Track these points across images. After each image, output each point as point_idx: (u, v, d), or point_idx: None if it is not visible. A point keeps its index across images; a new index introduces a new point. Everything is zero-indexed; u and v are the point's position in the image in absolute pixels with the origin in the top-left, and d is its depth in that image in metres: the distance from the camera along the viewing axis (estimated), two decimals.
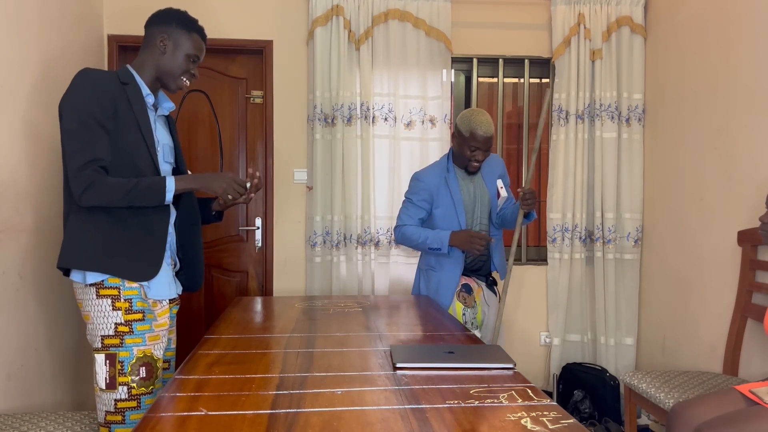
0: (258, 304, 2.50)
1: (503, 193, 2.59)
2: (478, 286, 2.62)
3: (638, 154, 3.36)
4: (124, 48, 3.21)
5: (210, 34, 3.23)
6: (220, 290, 3.40)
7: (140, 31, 1.96)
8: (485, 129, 2.44)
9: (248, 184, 1.85)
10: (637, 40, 3.34)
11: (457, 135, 2.52)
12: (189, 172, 2.04)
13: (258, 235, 3.37)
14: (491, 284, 2.68)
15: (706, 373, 2.47)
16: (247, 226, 3.41)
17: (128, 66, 1.86)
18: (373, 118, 3.25)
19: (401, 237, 2.55)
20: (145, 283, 1.77)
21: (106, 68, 3.15)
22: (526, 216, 2.56)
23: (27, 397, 2.15)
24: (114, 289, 1.71)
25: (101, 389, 1.70)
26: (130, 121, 1.76)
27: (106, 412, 1.70)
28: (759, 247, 2.46)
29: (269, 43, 3.28)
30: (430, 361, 1.52)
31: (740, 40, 2.59)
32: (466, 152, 2.49)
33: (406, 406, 1.23)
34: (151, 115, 1.85)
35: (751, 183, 2.51)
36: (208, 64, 3.35)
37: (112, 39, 3.17)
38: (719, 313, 2.68)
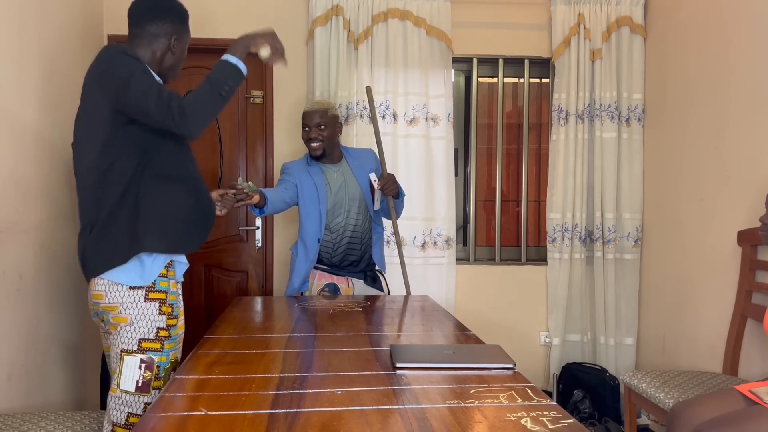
0: (258, 304, 2.50)
1: (376, 185, 2.64)
2: (349, 286, 2.70)
3: (638, 154, 3.36)
4: None
5: (210, 34, 3.25)
6: (220, 290, 3.41)
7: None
8: (310, 106, 2.60)
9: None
10: (637, 40, 3.34)
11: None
12: None
13: (258, 235, 3.37)
14: (373, 280, 2.75)
15: (706, 373, 2.47)
16: (247, 226, 3.41)
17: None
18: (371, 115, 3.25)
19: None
20: (175, 257, 1.79)
21: None
22: (395, 198, 2.67)
23: (27, 397, 2.15)
24: (162, 293, 1.73)
25: (129, 392, 1.66)
26: None
27: (130, 414, 1.67)
28: (759, 247, 2.46)
29: None
30: (430, 361, 1.52)
31: (740, 40, 2.59)
32: (303, 135, 2.63)
33: (406, 406, 1.23)
34: None
35: (751, 183, 2.51)
36: (208, 65, 3.34)
37: (112, 39, 3.17)
38: (719, 313, 2.68)
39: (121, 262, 1.69)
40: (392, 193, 2.60)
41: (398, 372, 1.47)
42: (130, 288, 1.70)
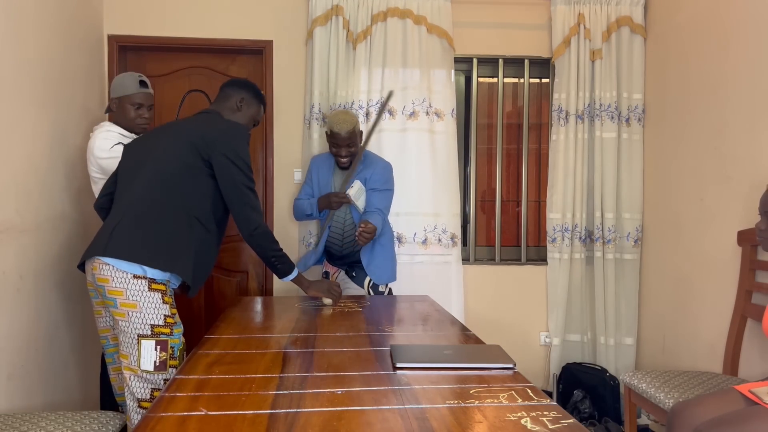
0: (258, 304, 2.50)
1: (350, 192, 2.71)
2: (334, 276, 2.91)
3: (638, 154, 3.36)
4: (123, 48, 3.21)
5: (210, 34, 3.25)
6: (220, 290, 3.40)
7: (140, 31, 1.96)
8: (340, 127, 2.62)
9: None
10: (637, 40, 3.34)
11: (326, 133, 2.75)
12: None
13: None
14: (353, 273, 2.88)
15: (706, 373, 2.47)
16: None
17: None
18: (367, 113, 3.23)
19: (293, 209, 2.88)
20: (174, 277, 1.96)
21: (106, 69, 3.15)
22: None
23: (27, 397, 2.15)
24: (162, 284, 1.88)
25: (148, 371, 1.84)
26: None
27: (153, 389, 1.87)
28: (759, 247, 2.46)
29: (269, 43, 3.28)
30: (430, 361, 1.52)
31: (740, 41, 2.59)
32: (331, 149, 2.72)
33: (406, 406, 1.23)
34: None
35: (751, 183, 2.51)
36: (208, 64, 3.35)
37: (112, 39, 3.16)
38: (719, 313, 2.68)
39: (146, 263, 1.85)
40: (364, 242, 2.58)
41: (398, 372, 1.47)
42: (134, 276, 1.83)
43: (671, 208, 3.11)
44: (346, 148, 2.67)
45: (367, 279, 2.84)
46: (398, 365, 1.49)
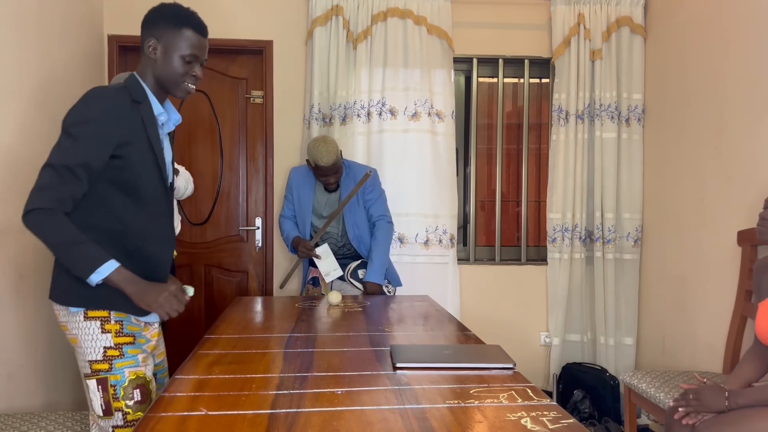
0: (258, 304, 2.50)
1: (318, 250, 2.71)
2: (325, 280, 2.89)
3: (638, 154, 3.36)
4: (124, 48, 3.21)
5: (210, 34, 3.23)
6: (220, 290, 3.41)
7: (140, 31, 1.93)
8: (325, 160, 2.61)
9: (190, 292, 1.65)
10: (637, 40, 3.34)
11: (308, 161, 2.72)
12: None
13: (258, 235, 3.37)
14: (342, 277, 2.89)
15: (706, 373, 2.48)
16: (247, 226, 3.41)
17: (136, 75, 1.67)
18: (368, 114, 3.24)
19: (280, 226, 2.88)
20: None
21: (106, 69, 3.15)
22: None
23: (27, 397, 2.15)
24: (104, 311, 1.57)
25: (99, 416, 1.58)
26: (144, 144, 1.60)
27: None
28: (759, 247, 2.46)
29: (269, 43, 3.28)
30: (430, 361, 1.52)
31: (740, 41, 2.59)
32: (318, 178, 2.72)
33: (406, 406, 1.23)
34: (161, 132, 1.69)
35: (751, 183, 2.51)
36: (208, 65, 3.33)
37: (112, 39, 3.17)
38: (719, 313, 2.68)
39: (62, 302, 1.58)
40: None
41: (398, 372, 1.47)
42: (72, 309, 1.58)
43: (671, 208, 3.11)
44: (333, 175, 2.69)
45: (360, 272, 2.81)
46: (398, 365, 1.49)
